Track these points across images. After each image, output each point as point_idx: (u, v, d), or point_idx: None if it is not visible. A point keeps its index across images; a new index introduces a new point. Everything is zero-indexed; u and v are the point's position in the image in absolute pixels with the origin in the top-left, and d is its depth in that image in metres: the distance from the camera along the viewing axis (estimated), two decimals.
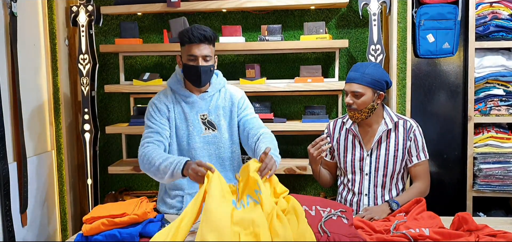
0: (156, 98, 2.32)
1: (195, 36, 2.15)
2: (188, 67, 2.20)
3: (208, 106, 2.29)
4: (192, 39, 2.15)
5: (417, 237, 1.70)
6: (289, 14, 3.22)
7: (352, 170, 2.28)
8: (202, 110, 2.29)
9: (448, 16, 2.82)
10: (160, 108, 2.27)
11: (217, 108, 2.30)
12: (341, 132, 2.33)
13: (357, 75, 2.15)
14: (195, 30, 2.16)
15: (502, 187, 2.80)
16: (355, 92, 2.14)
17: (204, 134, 2.28)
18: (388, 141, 2.23)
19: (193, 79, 2.23)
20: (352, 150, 2.28)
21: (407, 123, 2.25)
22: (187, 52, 2.18)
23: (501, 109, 2.84)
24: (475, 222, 1.78)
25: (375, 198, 2.25)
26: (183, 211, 1.74)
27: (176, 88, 2.30)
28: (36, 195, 3.01)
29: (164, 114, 2.26)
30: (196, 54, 2.17)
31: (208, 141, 2.28)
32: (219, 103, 2.31)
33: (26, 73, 2.90)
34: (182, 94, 2.28)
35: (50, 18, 3.12)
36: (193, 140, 2.26)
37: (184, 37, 2.18)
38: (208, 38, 2.18)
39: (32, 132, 2.99)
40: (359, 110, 2.16)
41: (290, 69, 3.25)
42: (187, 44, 2.17)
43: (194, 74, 2.20)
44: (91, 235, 1.78)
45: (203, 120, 2.28)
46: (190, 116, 2.27)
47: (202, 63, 2.18)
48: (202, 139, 2.27)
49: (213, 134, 2.29)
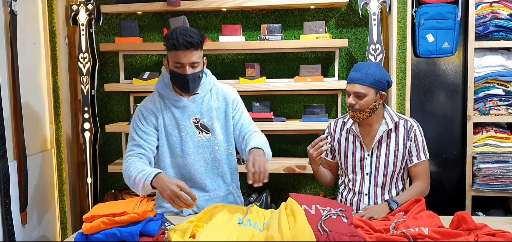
0: (143, 105, 2.19)
1: (180, 43, 1.99)
2: (175, 74, 2.08)
3: (200, 109, 2.18)
4: (177, 46, 1.99)
5: (416, 236, 1.70)
6: (289, 14, 3.22)
7: (352, 170, 2.28)
8: (194, 113, 2.17)
9: (448, 16, 2.82)
10: (146, 116, 2.15)
11: (210, 110, 2.19)
12: (342, 132, 2.33)
13: (360, 76, 2.14)
14: (181, 36, 1.99)
15: (501, 187, 2.80)
16: (358, 93, 2.14)
17: (198, 138, 2.17)
18: (388, 141, 2.23)
19: (180, 86, 2.12)
20: (353, 150, 2.28)
21: (407, 123, 2.25)
22: (174, 59, 2.04)
23: (500, 108, 2.84)
24: (474, 221, 1.79)
25: (375, 198, 2.25)
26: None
27: (165, 92, 2.16)
28: (36, 193, 3.01)
29: (151, 123, 2.15)
30: (182, 61, 2.03)
31: (203, 145, 2.18)
32: (212, 104, 2.19)
33: (26, 72, 2.91)
34: (171, 99, 2.15)
35: (50, 16, 3.12)
36: (186, 145, 2.16)
37: (169, 42, 2.02)
38: (194, 44, 2.01)
39: (32, 131, 2.99)
40: (361, 110, 2.16)
41: (290, 68, 3.25)
42: (173, 50, 2.02)
43: (180, 81, 2.08)
44: (91, 233, 1.78)
45: (196, 124, 2.17)
46: (182, 121, 2.15)
47: (190, 71, 2.04)
48: (196, 144, 2.17)
49: (207, 137, 2.18)
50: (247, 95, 3.24)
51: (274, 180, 3.31)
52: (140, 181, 1.96)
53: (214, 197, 2.23)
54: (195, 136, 2.17)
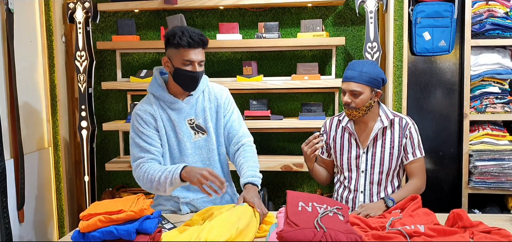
0: (139, 109, 2.15)
1: (195, 41, 2.02)
2: (182, 72, 2.06)
3: (195, 110, 2.18)
4: (191, 43, 2.01)
5: (412, 234, 1.71)
6: (286, 12, 3.22)
7: (348, 168, 2.29)
8: (189, 114, 2.16)
9: (445, 14, 2.83)
10: (146, 119, 2.12)
11: (204, 111, 2.18)
12: (338, 130, 2.33)
13: (355, 74, 2.15)
14: (194, 34, 2.02)
15: (497, 184, 2.81)
16: (354, 91, 2.14)
17: (194, 139, 2.17)
18: (384, 138, 2.24)
19: (187, 85, 2.11)
20: (348, 148, 2.28)
21: (402, 121, 2.26)
22: (183, 57, 2.03)
23: (496, 106, 2.85)
24: (470, 219, 1.79)
25: (371, 195, 2.26)
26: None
27: (160, 94, 2.14)
28: (33, 192, 3.01)
29: (151, 125, 2.12)
30: (193, 59, 2.04)
31: (199, 145, 2.18)
32: (205, 105, 2.19)
33: (23, 70, 2.90)
34: (167, 100, 2.13)
35: (47, 14, 3.12)
36: (184, 147, 2.15)
37: (181, 40, 2.01)
38: (205, 43, 2.06)
39: (29, 129, 2.99)
40: (357, 108, 2.17)
41: (287, 66, 3.25)
42: (184, 48, 2.02)
43: (189, 79, 2.08)
44: (88, 231, 1.78)
45: (191, 125, 2.16)
46: (178, 122, 2.14)
47: (198, 69, 2.06)
48: (193, 145, 2.17)
49: (203, 137, 2.18)
50: (244, 93, 3.24)
51: (271, 178, 3.31)
52: (167, 179, 1.98)
53: (211, 198, 2.20)
54: (192, 137, 2.17)
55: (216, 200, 2.21)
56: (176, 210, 2.23)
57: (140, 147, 2.10)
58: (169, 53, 2.09)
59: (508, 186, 2.79)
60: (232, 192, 2.34)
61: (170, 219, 2.05)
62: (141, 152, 2.10)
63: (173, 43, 2.04)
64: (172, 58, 2.08)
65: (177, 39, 2.02)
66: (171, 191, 2.05)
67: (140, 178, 2.09)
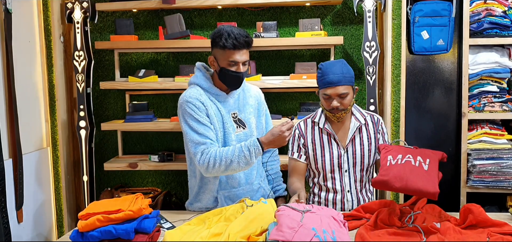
0: (189, 97, 2.17)
1: (241, 43, 2.11)
2: (228, 72, 2.15)
3: (238, 104, 2.28)
4: (237, 45, 2.11)
5: (430, 229, 1.72)
6: (284, 11, 3.22)
7: (331, 169, 2.29)
8: (233, 108, 2.26)
9: (443, 13, 2.83)
10: (199, 106, 2.16)
11: (245, 106, 2.30)
12: (314, 132, 2.32)
13: (340, 77, 2.15)
14: (240, 36, 2.11)
15: (496, 183, 2.82)
16: (342, 94, 2.16)
17: (237, 133, 2.25)
18: (361, 135, 2.28)
19: (232, 84, 2.20)
20: (329, 149, 2.29)
21: (374, 117, 2.33)
22: (229, 57, 2.13)
23: (494, 105, 2.86)
24: (484, 213, 1.80)
25: (356, 194, 2.29)
26: None
27: (207, 86, 2.22)
28: (31, 191, 3.01)
29: (204, 112, 2.17)
30: (238, 60, 2.14)
31: (240, 139, 2.25)
32: (247, 101, 2.31)
33: (21, 70, 2.90)
34: (214, 93, 2.22)
35: (45, 14, 3.11)
36: (229, 138, 2.22)
37: (227, 42, 2.10)
38: (250, 44, 2.16)
39: (28, 129, 2.99)
40: (345, 109, 2.19)
41: (285, 65, 3.26)
42: (230, 49, 2.11)
43: (234, 79, 2.18)
44: (87, 231, 1.78)
45: (234, 119, 2.26)
46: (225, 114, 2.22)
47: (243, 69, 2.17)
48: (236, 138, 2.24)
49: (244, 132, 2.27)
50: None
51: None
52: (247, 151, 2.09)
53: (248, 190, 2.30)
54: (235, 130, 2.25)
55: (251, 193, 2.30)
56: (213, 206, 2.26)
57: (200, 134, 2.13)
58: (215, 53, 2.19)
59: (506, 185, 2.80)
60: (266, 187, 2.43)
61: (168, 218, 2.06)
62: (201, 138, 2.13)
63: (219, 44, 2.13)
64: (218, 58, 2.17)
65: (223, 41, 2.11)
66: (253, 163, 2.13)
67: (209, 164, 2.10)
